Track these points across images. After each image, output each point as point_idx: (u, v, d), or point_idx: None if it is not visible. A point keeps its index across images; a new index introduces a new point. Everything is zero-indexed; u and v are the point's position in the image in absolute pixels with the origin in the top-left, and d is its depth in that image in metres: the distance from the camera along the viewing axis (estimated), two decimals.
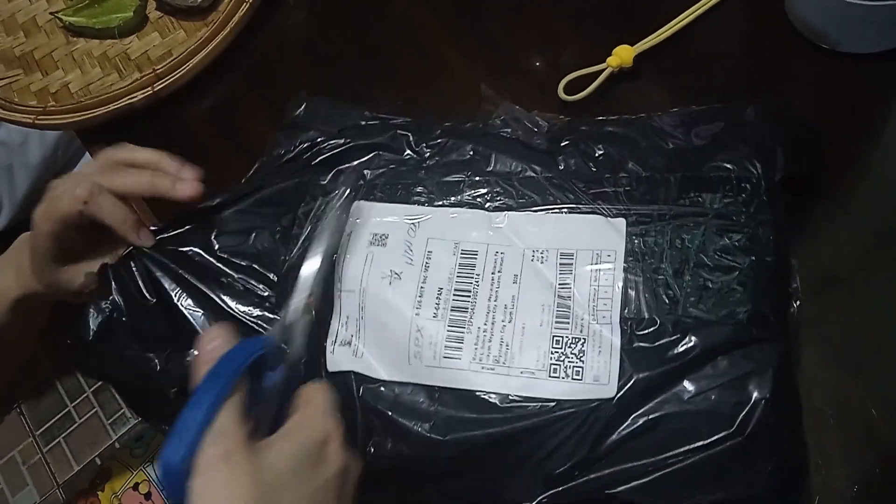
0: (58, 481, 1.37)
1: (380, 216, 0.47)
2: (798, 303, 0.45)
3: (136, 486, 0.69)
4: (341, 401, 0.41)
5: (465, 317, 0.43)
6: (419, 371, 0.42)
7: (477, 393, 0.41)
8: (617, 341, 0.40)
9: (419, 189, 0.48)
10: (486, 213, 0.46)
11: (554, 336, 0.41)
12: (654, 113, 0.49)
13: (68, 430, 1.41)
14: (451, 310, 0.43)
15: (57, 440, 1.40)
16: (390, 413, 0.42)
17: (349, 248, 0.46)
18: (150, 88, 0.65)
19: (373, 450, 0.42)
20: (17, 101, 0.69)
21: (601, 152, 0.47)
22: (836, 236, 0.51)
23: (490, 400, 0.41)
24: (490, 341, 0.42)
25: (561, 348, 0.41)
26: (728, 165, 0.43)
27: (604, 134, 0.48)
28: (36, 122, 0.67)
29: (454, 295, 0.43)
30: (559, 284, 0.42)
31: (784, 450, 0.39)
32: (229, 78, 0.68)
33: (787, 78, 0.57)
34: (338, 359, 0.44)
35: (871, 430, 0.43)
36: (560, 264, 0.43)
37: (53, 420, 1.42)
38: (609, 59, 0.58)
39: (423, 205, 0.47)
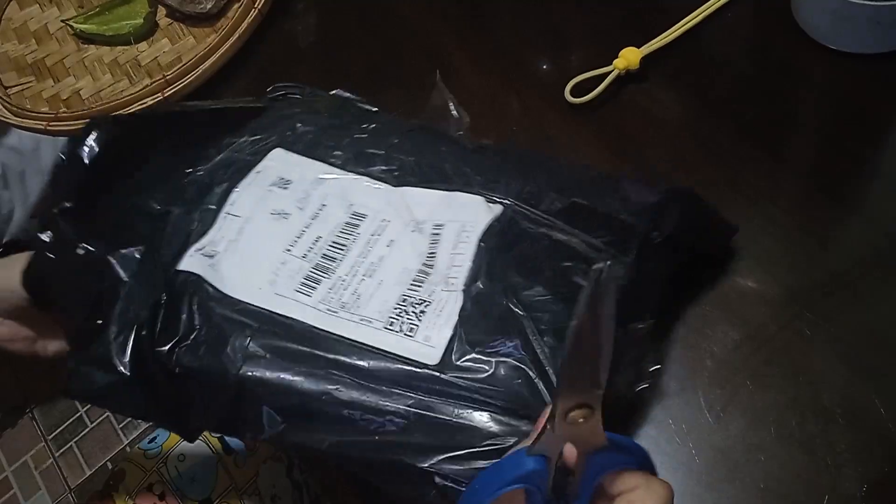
0: (70, 486, 1.38)
1: (293, 165, 0.49)
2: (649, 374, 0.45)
3: (150, 487, 0.70)
4: (175, 299, 0.44)
5: (332, 265, 0.45)
6: (266, 297, 0.44)
7: (309, 328, 0.42)
8: (456, 307, 0.41)
9: (337, 153, 0.50)
10: (390, 186, 0.48)
11: (403, 294, 0.43)
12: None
13: (80, 435, 1.41)
14: (322, 256, 0.45)
15: (69, 444, 1.41)
16: (220, 320, 0.43)
17: (253, 182, 0.49)
18: (160, 94, 0.66)
19: (187, 344, 0.43)
20: (29, 108, 0.69)
21: (514, 164, 0.49)
22: (846, 238, 0.51)
23: (317, 336, 0.42)
24: (345, 290, 0.44)
25: (405, 306, 0.42)
26: (616, 208, 0.44)
27: (523, 156, 0.51)
28: (48, 128, 0.68)
29: (329, 245, 0.46)
30: (427, 253, 0.44)
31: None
32: (239, 83, 0.69)
33: (794, 79, 0.57)
34: (193, 262, 0.46)
35: (880, 430, 0.43)
36: (431, 234, 0.45)
37: (65, 425, 1.43)
38: (616, 62, 0.58)
39: (336, 167, 0.49)
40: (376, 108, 0.56)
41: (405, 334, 0.41)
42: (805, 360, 0.46)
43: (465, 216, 0.45)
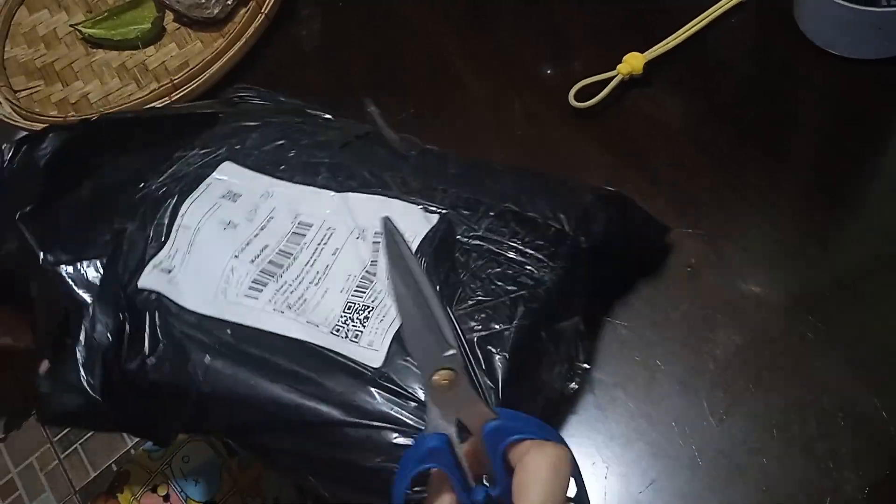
0: (75, 487, 1.38)
1: (242, 179, 0.51)
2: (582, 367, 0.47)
3: (154, 489, 0.70)
4: (137, 317, 0.45)
5: (279, 271, 0.46)
6: (221, 306, 0.45)
7: (261, 332, 0.44)
8: (396, 314, 0.42)
9: (283, 166, 0.51)
10: (334, 192, 0.49)
11: (348, 302, 0.44)
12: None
13: (85, 437, 1.42)
14: (269, 262, 0.46)
15: (74, 446, 1.42)
16: (180, 335, 0.44)
17: (202, 194, 0.50)
18: (167, 98, 0.67)
19: (151, 362, 0.45)
20: (37, 111, 0.70)
21: (452, 171, 0.50)
22: (848, 241, 0.51)
23: (268, 339, 0.43)
24: (291, 293, 0.45)
25: (350, 313, 0.43)
26: (549, 214, 0.46)
27: (464, 163, 0.51)
28: None
29: (276, 253, 0.47)
30: (370, 261, 0.45)
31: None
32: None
33: (797, 84, 0.58)
34: (152, 279, 0.47)
35: (881, 433, 0.43)
36: (373, 241, 0.46)
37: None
38: (619, 67, 0.58)
39: (284, 180, 0.50)
40: (329, 115, 0.57)
41: (350, 340, 0.42)
42: (807, 364, 0.46)
43: (404, 225, 0.46)
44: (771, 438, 0.44)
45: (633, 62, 0.58)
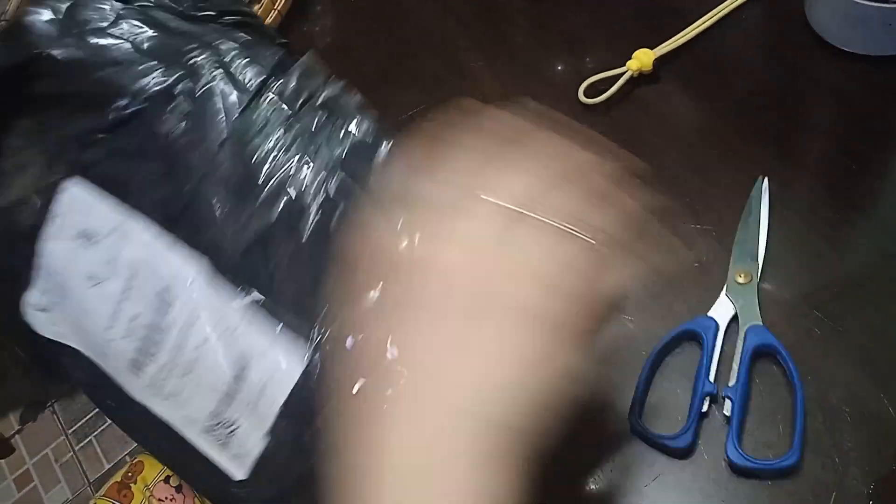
0: (89, 479, 1.40)
1: (91, 209, 0.43)
2: None
3: (167, 479, 0.71)
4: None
5: (153, 348, 0.42)
6: (106, 368, 0.44)
7: (149, 410, 0.43)
8: (263, 442, 0.41)
9: (132, 189, 0.43)
10: (205, 280, 0.42)
11: (217, 408, 0.41)
12: None
13: (99, 429, 1.44)
14: (142, 339, 0.42)
15: (88, 438, 1.43)
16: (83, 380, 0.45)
17: (57, 232, 0.44)
18: None
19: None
20: None
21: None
22: (856, 239, 0.51)
23: (154, 418, 0.43)
24: (166, 381, 0.42)
25: (219, 420, 0.41)
26: None
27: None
28: None
29: (147, 328, 0.42)
30: (234, 374, 0.41)
31: None
32: None
33: (806, 81, 0.58)
34: (39, 321, 0.45)
35: (888, 429, 0.43)
36: (239, 363, 0.41)
37: (85, 419, 1.45)
38: (629, 63, 0.58)
39: (135, 210, 0.42)
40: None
41: (220, 445, 0.42)
42: (814, 360, 0.46)
43: (273, 373, 0.41)
44: (777, 433, 0.45)
45: (642, 58, 0.58)
